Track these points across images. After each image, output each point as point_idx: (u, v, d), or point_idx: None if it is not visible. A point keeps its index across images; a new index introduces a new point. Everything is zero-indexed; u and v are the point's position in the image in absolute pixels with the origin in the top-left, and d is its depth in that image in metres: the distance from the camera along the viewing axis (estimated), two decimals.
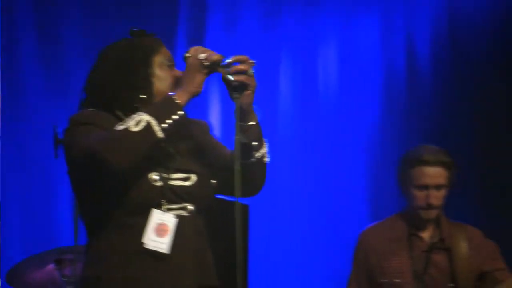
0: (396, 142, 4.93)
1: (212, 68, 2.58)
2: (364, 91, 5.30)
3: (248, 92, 2.59)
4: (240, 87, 2.56)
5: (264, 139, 2.70)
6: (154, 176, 2.57)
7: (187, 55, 2.60)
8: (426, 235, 3.82)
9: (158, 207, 2.56)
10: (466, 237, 3.80)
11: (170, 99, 2.55)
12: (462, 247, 3.77)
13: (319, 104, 5.30)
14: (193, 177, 2.64)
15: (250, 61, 2.57)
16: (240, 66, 2.56)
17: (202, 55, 2.58)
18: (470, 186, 4.87)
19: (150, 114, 2.50)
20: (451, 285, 3.75)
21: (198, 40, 5.00)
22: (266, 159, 2.72)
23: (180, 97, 2.55)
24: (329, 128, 5.23)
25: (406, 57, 5.31)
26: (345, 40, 5.33)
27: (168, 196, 2.57)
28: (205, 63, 2.57)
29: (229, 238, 2.55)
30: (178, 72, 2.67)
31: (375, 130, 5.02)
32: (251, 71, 2.57)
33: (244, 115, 2.61)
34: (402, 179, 3.81)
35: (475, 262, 3.77)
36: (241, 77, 2.56)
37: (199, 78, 2.58)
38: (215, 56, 2.59)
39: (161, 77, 2.67)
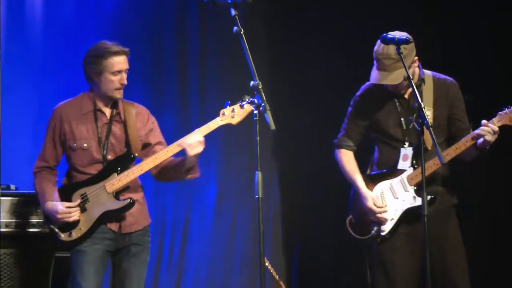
0: None
1: None
2: None
3: None
4: None
5: None
6: None
7: None
8: (107, 110, 4.79)
9: None
10: (135, 112, 4.82)
11: None
12: (132, 120, 4.79)
13: None
14: None
15: None
16: None
17: None
18: None
19: None
20: (125, 149, 4.75)
21: None
22: None
23: None
24: None
25: None
26: None
27: None
28: None
29: None
30: None
31: None
32: None
33: None
34: (95, 70, 4.69)
35: (142, 133, 4.82)
36: None
37: None
38: None
39: None
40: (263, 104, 4.13)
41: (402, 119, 4.92)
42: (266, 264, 5.35)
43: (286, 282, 6.32)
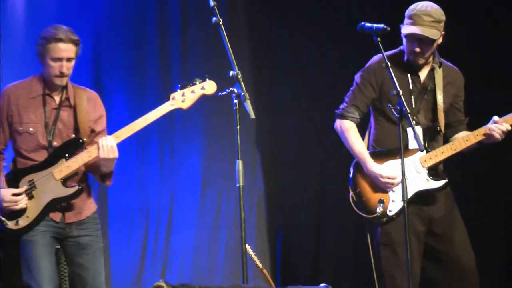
0: None
1: None
2: None
3: None
4: None
5: None
6: None
7: None
8: (56, 95, 4.70)
9: None
10: (86, 98, 4.73)
11: None
12: (83, 105, 4.70)
13: None
14: None
15: None
16: None
17: None
18: None
19: None
20: (74, 135, 4.67)
21: None
22: None
23: None
24: None
25: None
26: None
27: None
28: None
29: None
30: None
31: None
32: None
33: None
34: (40, 52, 4.63)
35: (92, 118, 4.72)
36: None
37: None
38: None
39: None
40: (242, 93, 4.17)
41: (412, 96, 4.87)
42: (250, 252, 5.39)
43: (270, 269, 6.40)
